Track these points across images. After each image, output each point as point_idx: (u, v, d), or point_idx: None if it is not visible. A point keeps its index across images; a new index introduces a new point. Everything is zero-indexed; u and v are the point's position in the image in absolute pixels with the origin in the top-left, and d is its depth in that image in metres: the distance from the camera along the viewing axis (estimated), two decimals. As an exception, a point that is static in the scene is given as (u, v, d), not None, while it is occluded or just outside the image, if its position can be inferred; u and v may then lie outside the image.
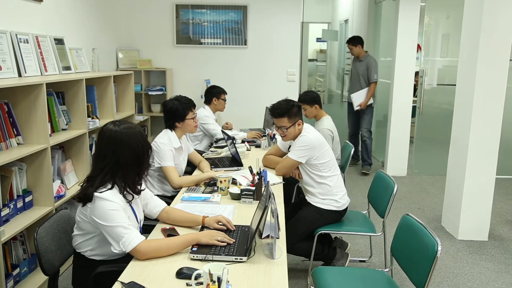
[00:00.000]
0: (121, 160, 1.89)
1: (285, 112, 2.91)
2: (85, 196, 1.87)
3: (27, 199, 2.84)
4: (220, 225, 2.07)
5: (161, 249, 1.84)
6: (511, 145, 5.57)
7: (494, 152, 3.71)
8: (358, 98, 5.66)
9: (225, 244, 1.89)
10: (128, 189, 1.94)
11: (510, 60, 3.64)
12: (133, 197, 1.98)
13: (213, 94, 4.50)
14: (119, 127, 1.92)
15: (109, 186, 1.88)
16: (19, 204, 2.77)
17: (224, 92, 4.55)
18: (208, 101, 4.51)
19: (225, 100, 4.56)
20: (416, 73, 5.81)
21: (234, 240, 1.93)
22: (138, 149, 1.93)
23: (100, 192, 1.84)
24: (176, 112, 3.08)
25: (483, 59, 3.58)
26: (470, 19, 3.73)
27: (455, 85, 3.99)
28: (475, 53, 3.60)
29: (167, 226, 2.16)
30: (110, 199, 1.84)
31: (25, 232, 2.84)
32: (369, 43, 6.74)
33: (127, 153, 1.90)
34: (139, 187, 2.02)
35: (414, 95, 5.85)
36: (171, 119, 3.10)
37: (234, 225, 2.10)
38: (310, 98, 3.90)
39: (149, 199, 2.20)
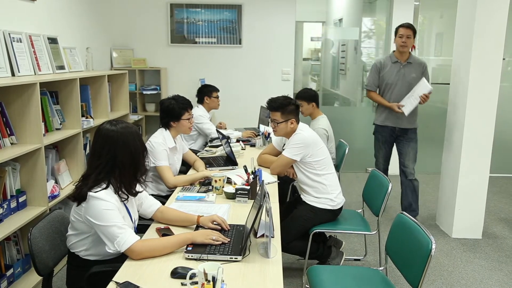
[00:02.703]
0: (117, 159, 1.88)
1: (279, 107, 2.92)
2: (79, 195, 1.86)
3: (20, 199, 2.82)
4: (215, 224, 2.07)
5: (156, 249, 1.84)
6: (505, 143, 5.61)
7: (488, 151, 3.73)
8: (413, 99, 3.86)
9: (220, 243, 1.89)
10: (123, 190, 1.94)
11: (504, 59, 3.66)
12: (128, 197, 1.97)
13: (205, 93, 4.51)
14: (116, 126, 1.92)
15: (104, 185, 1.88)
16: (13, 204, 2.75)
17: (216, 90, 4.55)
18: (200, 101, 4.53)
19: (218, 98, 4.56)
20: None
21: (229, 240, 1.93)
22: (135, 148, 1.92)
23: (95, 192, 1.84)
24: (172, 112, 3.07)
25: (477, 58, 3.60)
26: (463, 18, 3.75)
27: (449, 84, 4.01)
28: (469, 52, 3.62)
29: (162, 226, 2.15)
30: (104, 199, 1.83)
31: (18, 232, 2.83)
32: (364, 42, 6.74)
33: (124, 153, 1.89)
34: (135, 189, 2.01)
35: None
36: (166, 117, 3.09)
37: (229, 224, 2.10)
38: (308, 95, 3.92)
39: (144, 198, 2.20)
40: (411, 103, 3.85)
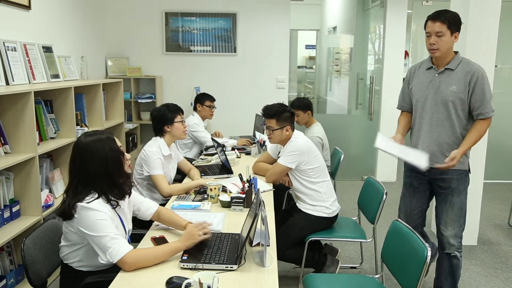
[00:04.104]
0: (90, 170, 1.87)
1: (274, 114, 2.93)
2: (63, 213, 1.85)
3: (14, 209, 2.80)
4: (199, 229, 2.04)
5: (148, 259, 1.82)
6: (499, 149, 5.64)
7: (482, 157, 3.75)
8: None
9: (210, 235, 1.92)
10: (110, 197, 1.92)
11: (496, 66, 3.69)
12: (117, 203, 1.95)
13: (197, 100, 4.52)
14: (86, 138, 1.90)
15: (96, 195, 1.86)
16: (6, 214, 2.73)
17: (210, 99, 4.54)
18: (194, 108, 4.54)
19: (211, 107, 4.54)
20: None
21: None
22: (105, 156, 1.89)
23: (87, 202, 1.82)
24: (164, 116, 3.09)
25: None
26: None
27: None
28: (462, 60, 3.65)
29: (157, 235, 2.14)
30: (97, 209, 1.82)
31: (12, 243, 2.80)
32: (357, 50, 6.79)
33: (93, 163, 1.87)
34: (124, 193, 1.98)
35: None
36: (159, 123, 3.10)
37: (224, 233, 2.09)
38: (303, 104, 3.93)
39: (141, 203, 2.20)
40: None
